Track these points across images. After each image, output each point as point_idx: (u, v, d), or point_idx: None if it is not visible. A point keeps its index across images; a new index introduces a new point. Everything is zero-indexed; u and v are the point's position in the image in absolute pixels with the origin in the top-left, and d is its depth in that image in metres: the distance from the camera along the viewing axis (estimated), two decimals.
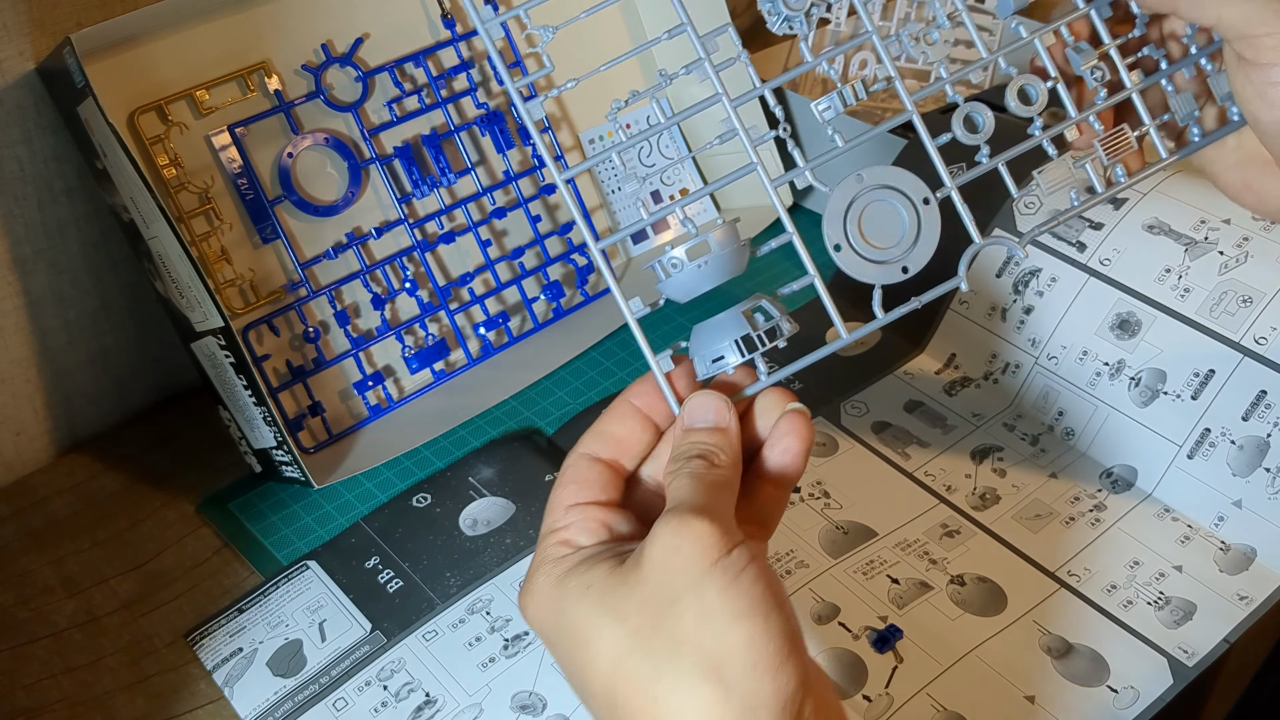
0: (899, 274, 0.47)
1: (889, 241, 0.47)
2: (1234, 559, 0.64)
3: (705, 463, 0.43)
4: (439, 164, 0.77)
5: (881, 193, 0.46)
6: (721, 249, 0.45)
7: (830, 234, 0.46)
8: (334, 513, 0.71)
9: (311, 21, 0.73)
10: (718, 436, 0.44)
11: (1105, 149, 0.50)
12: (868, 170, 0.46)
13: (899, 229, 0.47)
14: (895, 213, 0.47)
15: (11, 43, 0.65)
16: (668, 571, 0.39)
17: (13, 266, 0.70)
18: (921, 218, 0.46)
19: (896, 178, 0.46)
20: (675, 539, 0.40)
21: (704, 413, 0.45)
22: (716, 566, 0.39)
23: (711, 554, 0.39)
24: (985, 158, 0.49)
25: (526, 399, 0.77)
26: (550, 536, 0.44)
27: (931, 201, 0.47)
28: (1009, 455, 0.70)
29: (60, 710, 0.61)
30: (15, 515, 0.71)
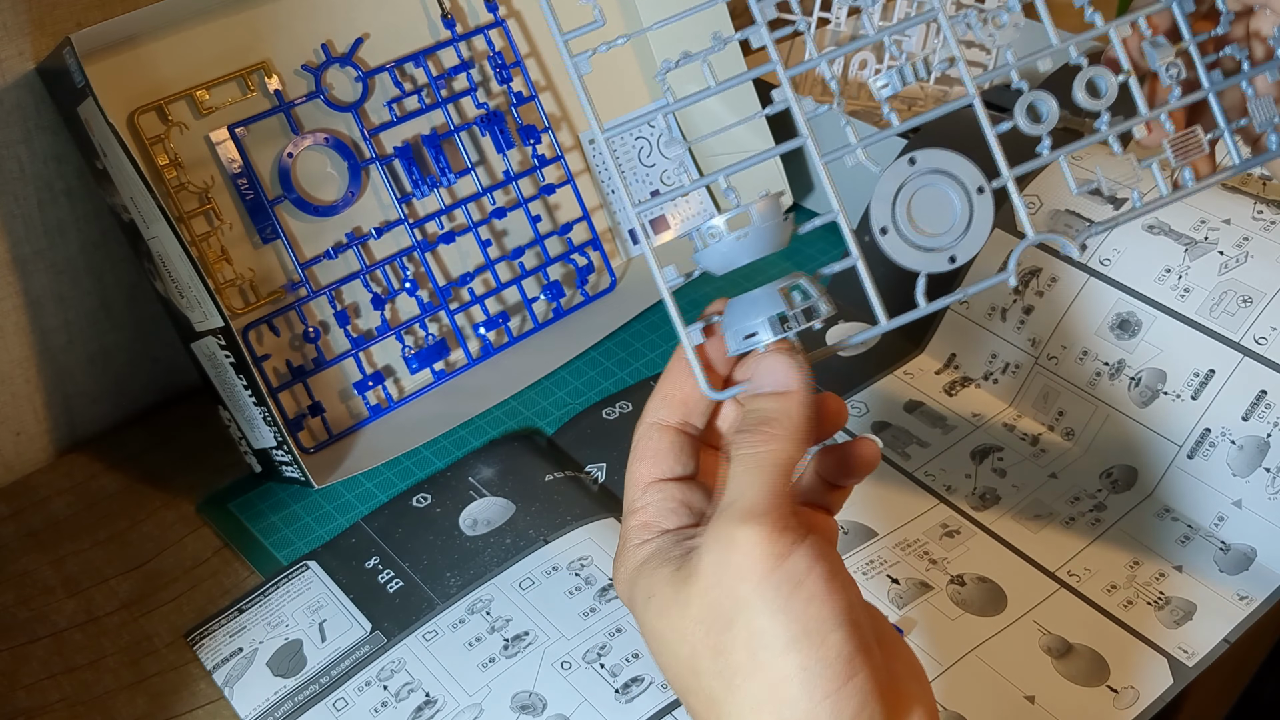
0: (946, 263, 0.44)
1: (938, 229, 0.44)
2: (1234, 559, 0.64)
3: (764, 437, 0.40)
4: (439, 164, 0.77)
5: (934, 178, 0.44)
6: (763, 221, 0.43)
7: (877, 217, 0.44)
8: (334, 513, 0.71)
9: (311, 21, 0.73)
10: (783, 403, 0.41)
11: (1175, 150, 0.48)
12: (921, 153, 0.44)
13: (950, 216, 0.44)
14: (947, 199, 0.44)
15: (11, 43, 0.65)
16: (719, 589, 0.37)
17: (13, 266, 0.70)
18: (974, 206, 0.44)
19: (951, 163, 0.44)
20: (725, 553, 0.37)
21: (771, 375, 0.41)
22: (767, 584, 0.36)
23: (762, 569, 0.37)
24: (1046, 149, 0.46)
25: (526, 399, 0.77)
26: (631, 517, 0.43)
27: (986, 190, 0.44)
28: (1009, 455, 0.70)
29: (60, 710, 0.61)
30: (15, 515, 0.71)
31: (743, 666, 0.37)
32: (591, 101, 0.42)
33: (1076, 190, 0.46)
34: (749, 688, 0.37)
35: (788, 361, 0.41)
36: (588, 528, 0.67)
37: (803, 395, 0.41)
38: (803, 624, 0.36)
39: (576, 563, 0.65)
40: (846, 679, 0.36)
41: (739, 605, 0.37)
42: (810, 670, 0.36)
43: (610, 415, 0.75)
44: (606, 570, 0.64)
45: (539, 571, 0.65)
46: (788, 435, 0.40)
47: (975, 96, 0.45)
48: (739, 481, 0.39)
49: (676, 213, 0.87)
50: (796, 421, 0.40)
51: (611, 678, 0.59)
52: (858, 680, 0.37)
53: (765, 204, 0.43)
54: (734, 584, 0.37)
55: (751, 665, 0.37)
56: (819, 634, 0.36)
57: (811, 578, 0.37)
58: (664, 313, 0.82)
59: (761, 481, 0.38)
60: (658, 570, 0.40)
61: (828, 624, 0.36)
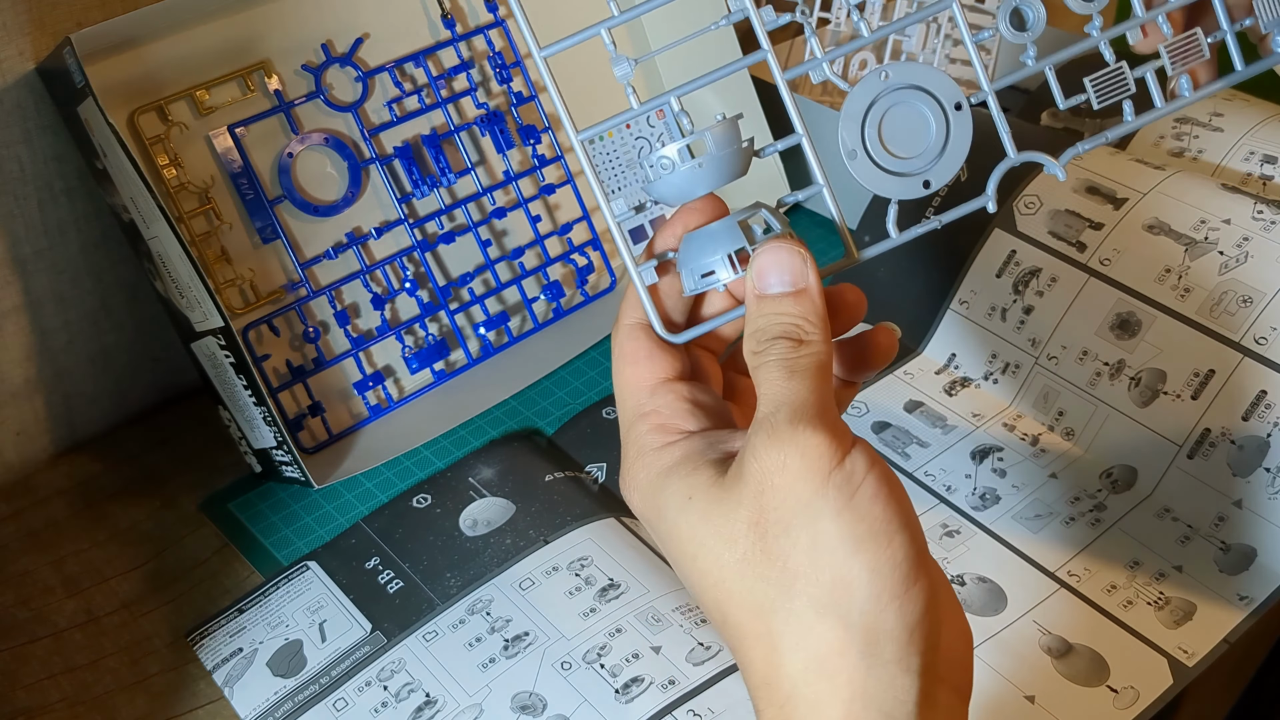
0: (920, 188, 0.41)
1: (912, 151, 0.41)
2: (1234, 559, 0.64)
3: (792, 344, 0.38)
4: (439, 164, 0.77)
5: (908, 94, 0.41)
6: (720, 149, 0.40)
7: (846, 138, 0.41)
8: (334, 513, 0.71)
9: (311, 21, 0.73)
10: (801, 304, 0.38)
11: (1172, 56, 0.44)
12: (893, 66, 0.41)
13: (925, 137, 0.41)
14: (922, 118, 0.41)
15: (11, 43, 0.65)
16: (775, 493, 0.36)
17: (13, 267, 0.70)
18: (951, 125, 0.41)
19: (926, 77, 0.41)
20: (779, 455, 0.35)
21: (778, 272, 0.39)
22: (829, 485, 0.35)
23: (822, 470, 0.35)
24: (1031, 59, 0.43)
25: (526, 399, 0.77)
26: (641, 422, 0.40)
27: (964, 107, 0.41)
28: (1009, 455, 0.70)
29: (60, 710, 0.61)
30: (15, 515, 0.71)
31: (803, 570, 0.35)
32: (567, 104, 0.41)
33: (1063, 105, 0.43)
34: (812, 592, 0.35)
35: (793, 254, 0.39)
36: (588, 528, 0.67)
37: (818, 288, 0.39)
38: (868, 524, 0.35)
39: (576, 563, 0.65)
40: (912, 583, 0.35)
41: (799, 508, 0.35)
42: (878, 572, 0.35)
43: (610, 415, 0.75)
44: (606, 570, 0.64)
45: (539, 571, 0.65)
46: (818, 336, 0.38)
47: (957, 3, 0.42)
48: (781, 386, 0.37)
49: None
50: (822, 319, 0.38)
51: (611, 678, 0.59)
52: (921, 585, 0.36)
53: (722, 129, 0.40)
54: (792, 486, 0.35)
55: (813, 569, 0.35)
56: (885, 534, 0.35)
57: (871, 478, 0.36)
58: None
59: (806, 385, 0.37)
60: (696, 472, 0.38)
61: (893, 524, 0.36)
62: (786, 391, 0.37)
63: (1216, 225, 0.69)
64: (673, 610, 0.62)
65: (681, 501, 0.38)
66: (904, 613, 0.35)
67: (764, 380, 0.38)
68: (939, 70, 0.41)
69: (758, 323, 0.39)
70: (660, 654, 0.60)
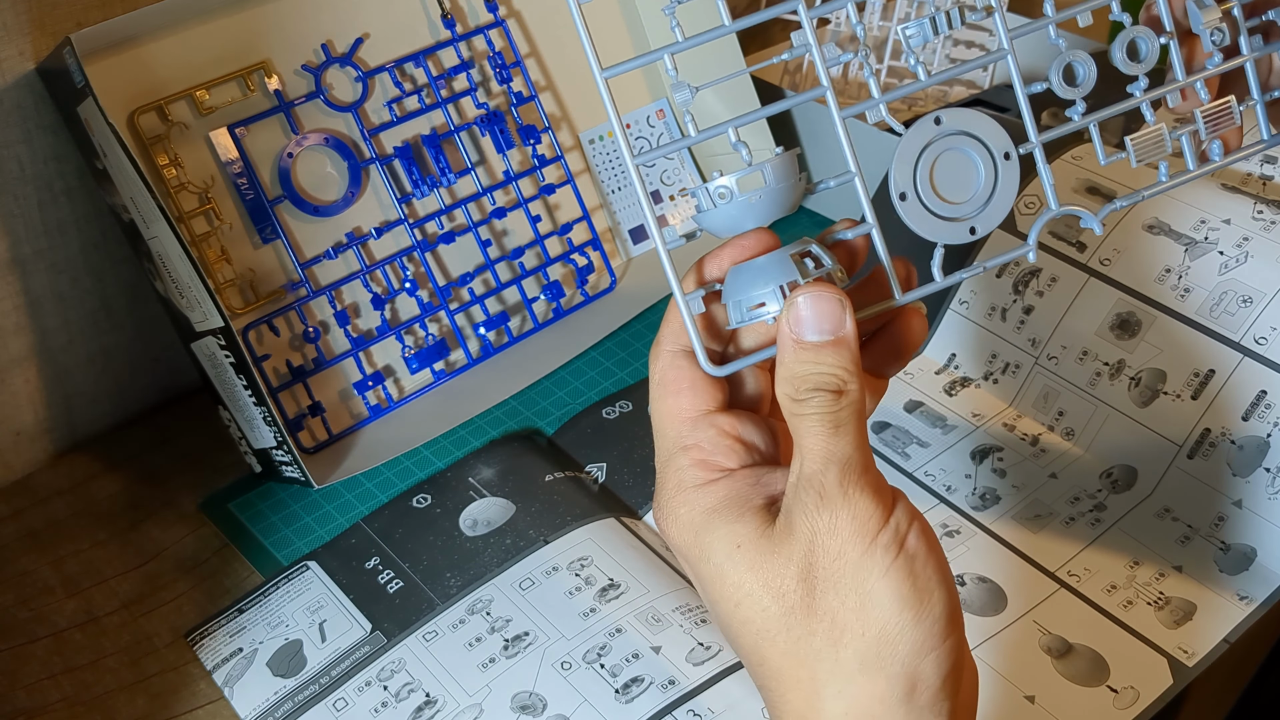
0: (966, 234, 0.41)
1: (961, 196, 0.41)
2: (1234, 559, 0.64)
3: (833, 396, 0.38)
4: (439, 164, 0.77)
5: (959, 140, 0.41)
6: (778, 182, 0.39)
7: (898, 181, 0.41)
8: (334, 513, 0.71)
9: (311, 21, 0.73)
10: (839, 354, 0.38)
11: (1206, 120, 0.45)
12: (947, 112, 0.41)
13: (974, 183, 0.41)
14: (972, 164, 0.41)
15: (11, 43, 0.65)
16: (825, 554, 0.37)
17: (13, 266, 0.70)
18: (999, 173, 0.41)
19: (978, 124, 0.41)
20: (830, 518, 0.37)
21: (817, 320, 0.38)
22: (877, 545, 0.37)
23: (869, 531, 0.37)
24: (1078, 115, 0.43)
25: (526, 399, 0.77)
26: (681, 456, 0.40)
27: (1013, 156, 0.41)
28: (1009, 455, 0.70)
29: (60, 710, 0.61)
30: (15, 515, 0.71)
31: (851, 626, 0.37)
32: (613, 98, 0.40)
33: (1105, 160, 0.44)
34: (857, 645, 0.37)
35: (833, 302, 0.38)
36: (588, 528, 0.67)
37: (855, 334, 0.39)
38: (912, 583, 0.37)
39: (576, 563, 0.65)
40: (948, 634, 0.38)
41: (848, 568, 0.37)
42: (920, 626, 0.37)
43: (610, 415, 0.75)
44: (607, 570, 0.64)
45: (539, 572, 0.65)
46: (855, 383, 0.38)
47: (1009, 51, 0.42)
48: (826, 442, 0.38)
49: (676, 212, 0.87)
50: (857, 364, 0.38)
51: (611, 678, 0.59)
52: (954, 638, 0.38)
53: (780, 162, 0.40)
54: (843, 548, 0.37)
55: (861, 625, 0.37)
56: (927, 591, 0.37)
57: (913, 536, 0.38)
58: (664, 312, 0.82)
59: (850, 440, 0.38)
60: (743, 519, 0.39)
61: (934, 580, 0.37)
62: (833, 448, 0.38)
63: (1216, 225, 0.69)
64: (673, 610, 0.62)
65: (729, 549, 0.39)
66: (940, 663, 0.38)
67: (806, 433, 0.38)
68: (990, 118, 0.41)
69: (795, 369, 0.38)
70: (660, 654, 0.60)
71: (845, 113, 0.41)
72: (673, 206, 0.87)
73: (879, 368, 0.43)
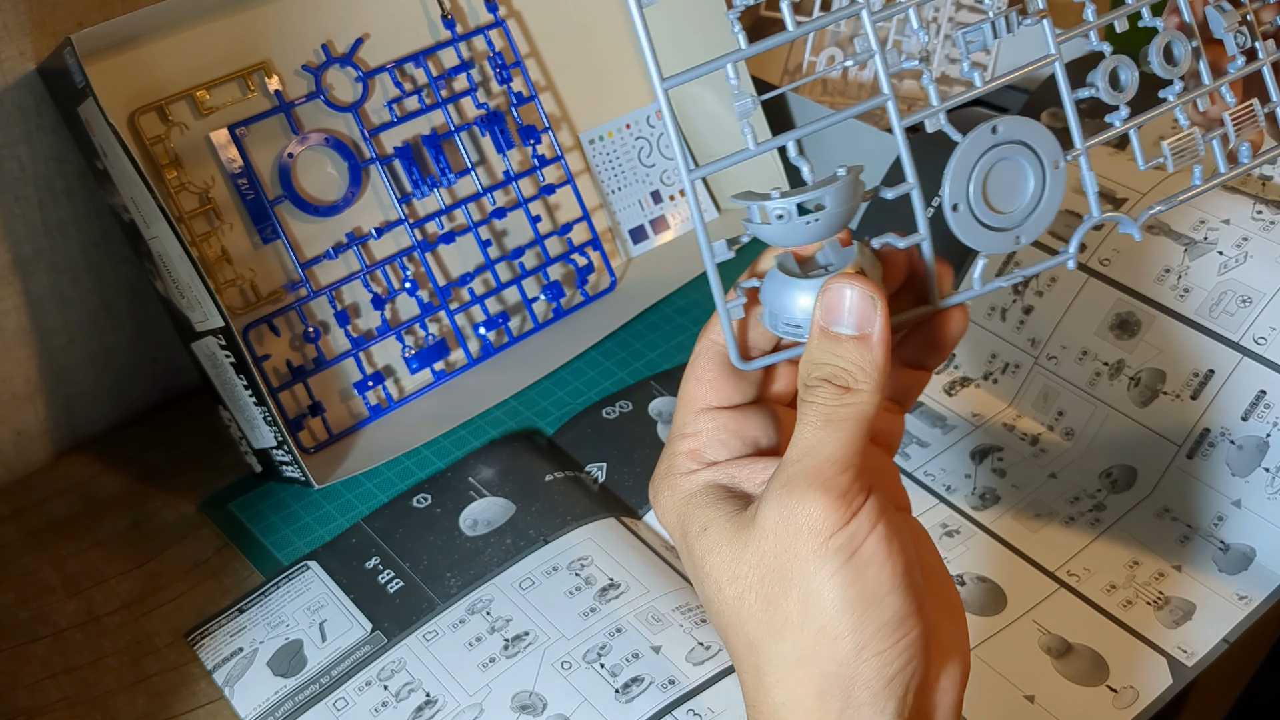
0: (1012, 243, 0.41)
1: (1010, 206, 0.41)
2: (1233, 559, 0.64)
3: (838, 390, 0.38)
4: (439, 164, 0.77)
5: (1014, 149, 0.40)
6: (838, 206, 0.39)
7: (951, 191, 0.40)
8: (334, 513, 0.71)
9: (311, 21, 0.73)
10: (860, 351, 0.38)
11: (1234, 123, 0.45)
12: (1003, 121, 0.40)
13: (1023, 194, 0.41)
14: (1023, 174, 0.41)
15: (12, 43, 0.65)
16: (777, 543, 0.37)
17: (13, 266, 0.70)
18: (1048, 183, 0.41)
19: (1032, 133, 0.40)
20: (786, 511, 0.37)
21: (848, 312, 0.38)
22: (828, 546, 0.36)
23: (823, 531, 0.36)
24: (1119, 121, 0.43)
25: (526, 399, 0.77)
26: (680, 442, 0.41)
27: (1061, 166, 0.41)
28: (1009, 455, 0.70)
29: (60, 710, 0.61)
30: (15, 515, 0.71)
31: (792, 620, 0.37)
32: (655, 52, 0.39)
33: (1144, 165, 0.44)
34: (796, 640, 0.37)
35: (865, 297, 0.38)
36: (588, 528, 0.67)
37: (884, 339, 0.38)
38: (859, 589, 0.37)
39: (576, 563, 0.65)
40: (898, 639, 0.37)
41: (797, 565, 0.37)
42: (862, 631, 0.37)
43: (610, 415, 0.75)
44: (607, 570, 0.64)
45: (539, 571, 0.65)
46: (868, 387, 0.38)
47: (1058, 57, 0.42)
48: (811, 436, 0.37)
49: (676, 213, 0.87)
50: (879, 370, 0.38)
51: (611, 678, 0.59)
52: (909, 638, 0.37)
53: (844, 185, 0.39)
54: (793, 542, 0.37)
55: (802, 620, 0.37)
56: (875, 598, 0.37)
57: (870, 542, 0.37)
58: (664, 312, 0.82)
59: (836, 439, 0.37)
60: (716, 506, 0.40)
61: (884, 588, 0.37)
62: (816, 441, 0.37)
63: (1216, 225, 0.69)
64: (673, 610, 0.62)
65: (699, 530, 0.40)
66: (884, 665, 0.37)
67: (801, 421, 0.38)
68: (1044, 127, 0.41)
69: (813, 355, 0.39)
70: (660, 654, 0.60)
71: (906, 121, 0.41)
72: (673, 206, 0.87)
73: (920, 359, 0.44)
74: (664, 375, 0.77)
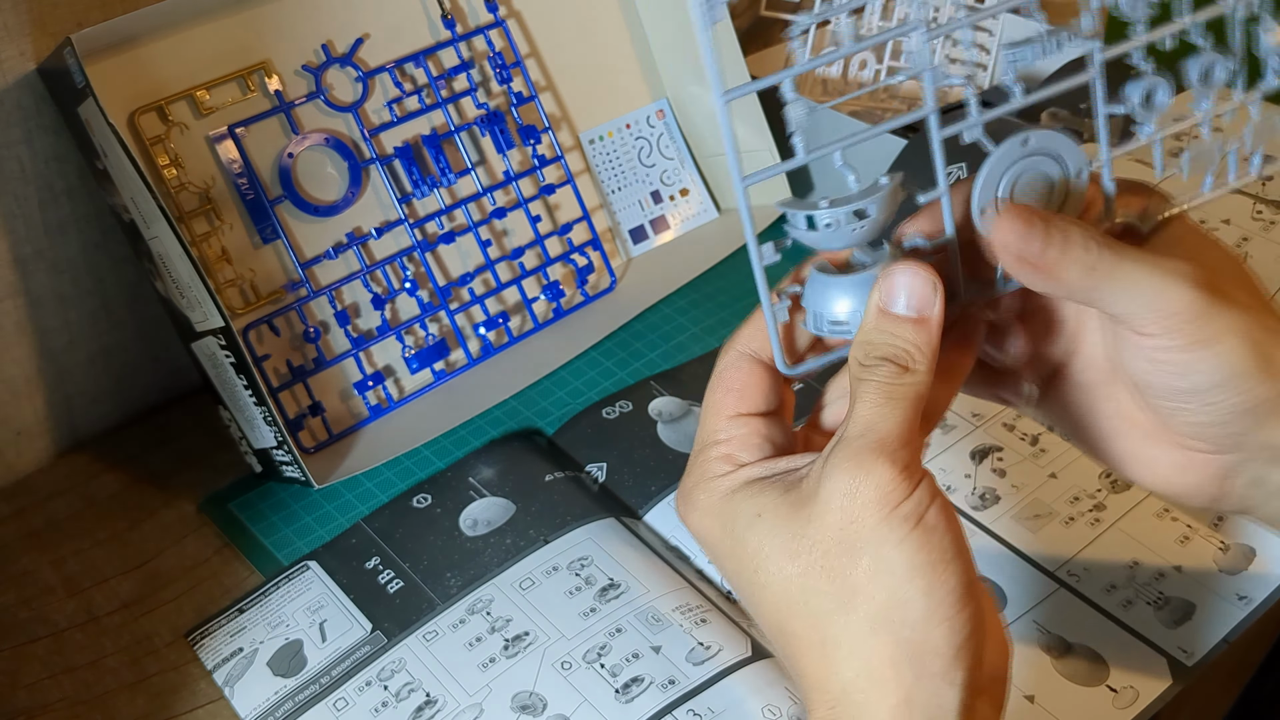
0: None
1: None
2: (1234, 559, 0.64)
3: (898, 369, 0.39)
4: (439, 164, 0.77)
5: (1041, 160, 0.42)
6: (880, 214, 0.40)
7: (980, 198, 0.42)
8: (334, 513, 0.71)
9: (311, 21, 0.73)
10: (919, 332, 0.40)
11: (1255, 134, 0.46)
12: (1035, 133, 0.42)
13: (1045, 202, 0.42)
14: (1047, 183, 0.42)
15: (12, 43, 0.65)
16: (843, 515, 0.38)
17: (13, 266, 0.70)
18: (1071, 191, 0.43)
19: (1062, 145, 0.42)
20: (853, 481, 0.38)
21: (907, 295, 0.40)
22: (895, 514, 0.38)
23: (891, 500, 0.38)
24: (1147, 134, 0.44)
25: (526, 399, 0.77)
26: (712, 449, 0.43)
27: (1085, 176, 0.43)
28: (1009, 455, 0.70)
29: (60, 710, 0.61)
30: (15, 515, 0.71)
31: (863, 589, 0.38)
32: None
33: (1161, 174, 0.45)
34: (868, 608, 0.38)
35: (927, 282, 0.40)
36: (588, 528, 0.67)
37: (939, 320, 0.40)
38: (926, 554, 0.38)
39: (576, 563, 0.65)
40: (962, 607, 0.38)
41: (865, 534, 0.38)
42: (933, 595, 0.38)
43: (610, 415, 0.75)
44: (607, 570, 0.64)
45: (539, 571, 0.65)
46: (924, 367, 0.40)
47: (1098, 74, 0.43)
48: (872, 411, 0.39)
49: (676, 213, 0.87)
50: (934, 350, 0.40)
51: (611, 678, 0.59)
52: (970, 610, 0.38)
53: (887, 195, 0.41)
54: (860, 513, 0.38)
55: (872, 588, 0.38)
56: (941, 563, 0.38)
57: (935, 509, 0.38)
58: (664, 312, 0.82)
59: (896, 415, 0.39)
60: (764, 493, 0.40)
61: (949, 554, 0.38)
62: (877, 417, 0.39)
63: (1216, 225, 0.69)
64: (673, 610, 0.62)
65: (750, 518, 0.40)
66: (952, 633, 0.38)
67: (860, 398, 0.39)
68: (1071, 140, 0.42)
69: (871, 335, 0.40)
70: (660, 654, 0.60)
71: (944, 132, 0.42)
72: (672, 206, 0.87)
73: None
74: (664, 375, 0.77)
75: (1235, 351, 0.41)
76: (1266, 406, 0.42)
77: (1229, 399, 0.41)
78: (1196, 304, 0.40)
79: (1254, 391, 0.41)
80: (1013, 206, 0.41)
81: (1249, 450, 0.43)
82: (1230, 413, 0.42)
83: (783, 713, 0.56)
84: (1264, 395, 0.41)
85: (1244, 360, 0.41)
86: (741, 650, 0.59)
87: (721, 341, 0.78)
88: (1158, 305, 0.40)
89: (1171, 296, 0.40)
